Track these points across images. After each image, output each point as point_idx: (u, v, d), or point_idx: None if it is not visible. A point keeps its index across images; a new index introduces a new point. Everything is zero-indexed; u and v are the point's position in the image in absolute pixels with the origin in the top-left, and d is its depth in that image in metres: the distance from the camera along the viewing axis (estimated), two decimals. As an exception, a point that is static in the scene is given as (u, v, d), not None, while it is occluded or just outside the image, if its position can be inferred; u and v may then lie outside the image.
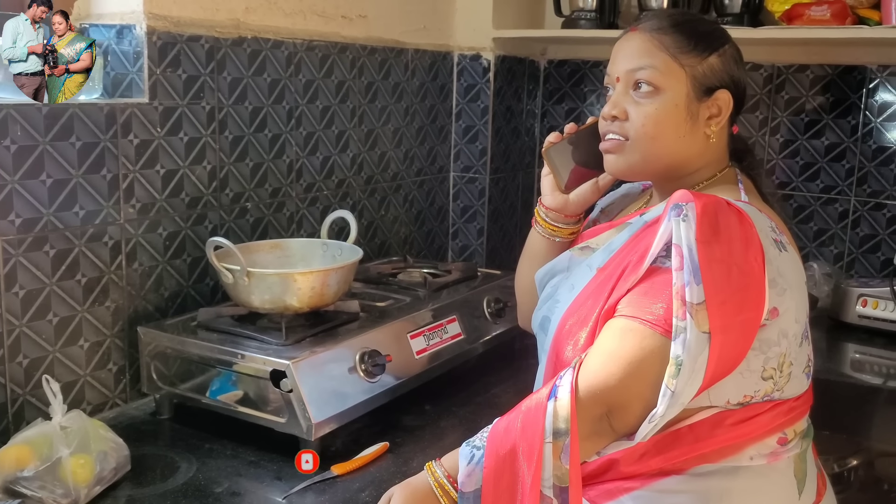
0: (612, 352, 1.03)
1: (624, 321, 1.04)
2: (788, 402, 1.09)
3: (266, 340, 1.35)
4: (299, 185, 1.80)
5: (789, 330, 1.05)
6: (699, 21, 1.18)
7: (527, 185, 2.52)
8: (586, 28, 2.17)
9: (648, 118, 1.11)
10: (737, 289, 1.00)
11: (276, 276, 1.36)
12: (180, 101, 1.51)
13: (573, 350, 1.10)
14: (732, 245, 1.02)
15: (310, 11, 1.78)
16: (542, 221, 1.29)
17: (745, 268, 1.01)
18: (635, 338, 1.02)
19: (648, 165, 1.15)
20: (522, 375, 1.67)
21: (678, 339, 0.98)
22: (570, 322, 1.12)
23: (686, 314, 0.97)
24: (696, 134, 1.13)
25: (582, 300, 1.12)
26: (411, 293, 1.67)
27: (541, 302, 1.26)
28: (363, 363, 1.36)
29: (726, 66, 1.14)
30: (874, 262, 2.15)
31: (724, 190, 1.13)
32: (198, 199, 1.57)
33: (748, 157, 1.23)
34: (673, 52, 1.11)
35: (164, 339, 1.41)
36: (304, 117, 1.79)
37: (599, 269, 1.13)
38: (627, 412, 1.03)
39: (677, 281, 0.99)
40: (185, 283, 1.57)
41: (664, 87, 1.11)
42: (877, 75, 2.07)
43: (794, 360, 1.08)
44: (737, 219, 1.03)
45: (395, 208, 2.12)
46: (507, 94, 2.34)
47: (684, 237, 1.00)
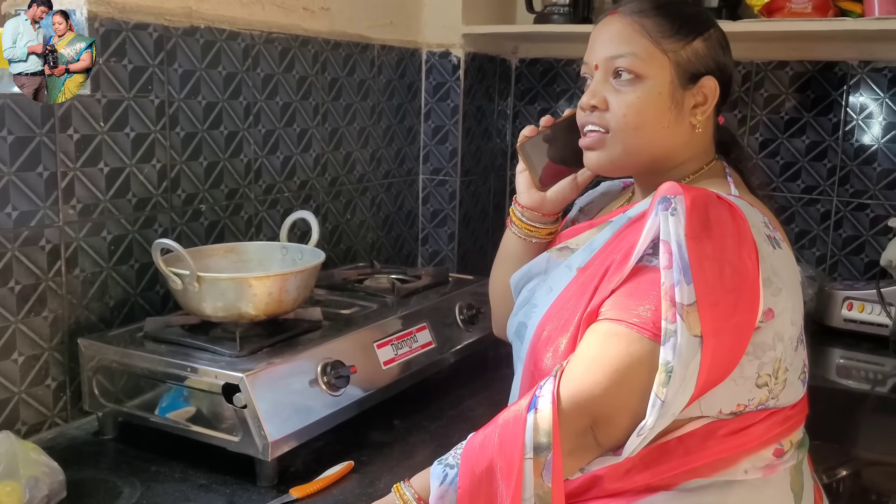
0: (596, 358, 0.94)
1: (608, 325, 0.95)
2: (784, 411, 1.01)
3: (219, 352, 1.23)
4: (258, 187, 1.69)
5: (785, 333, 0.98)
6: (683, 3, 1.10)
7: (499, 188, 2.43)
8: (559, 23, 2.08)
9: (630, 107, 1.04)
10: (730, 289, 0.93)
11: (229, 281, 1.25)
12: (126, 93, 1.39)
13: (553, 358, 1.01)
14: (725, 241, 0.94)
15: (268, 2, 1.67)
16: (517, 221, 1.21)
17: (738, 266, 0.93)
18: (621, 342, 0.93)
19: (631, 159, 1.07)
20: (497, 386, 1.58)
21: (668, 344, 0.90)
22: (549, 327, 1.03)
23: (676, 316, 0.90)
24: (682, 123, 1.06)
25: (561, 303, 1.04)
26: (378, 300, 1.57)
27: (516, 307, 1.17)
28: (325, 375, 1.25)
29: (712, 51, 1.07)
30: (858, 265, 2.08)
31: (712, 183, 1.05)
32: (146, 200, 1.45)
33: (735, 149, 1.16)
34: (655, 36, 1.04)
35: (108, 351, 1.29)
36: (263, 114, 1.68)
37: (580, 270, 1.04)
38: (614, 424, 0.94)
39: (666, 280, 0.91)
40: (132, 291, 1.45)
41: (646, 75, 1.03)
42: (857, 71, 2.01)
43: (789, 366, 1.00)
44: (729, 213, 0.96)
45: (361, 212, 2.02)
46: (477, 94, 2.25)
47: (673, 233, 0.92)
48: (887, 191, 2.02)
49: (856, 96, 2.03)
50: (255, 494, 1.15)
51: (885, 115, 2.00)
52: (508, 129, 2.43)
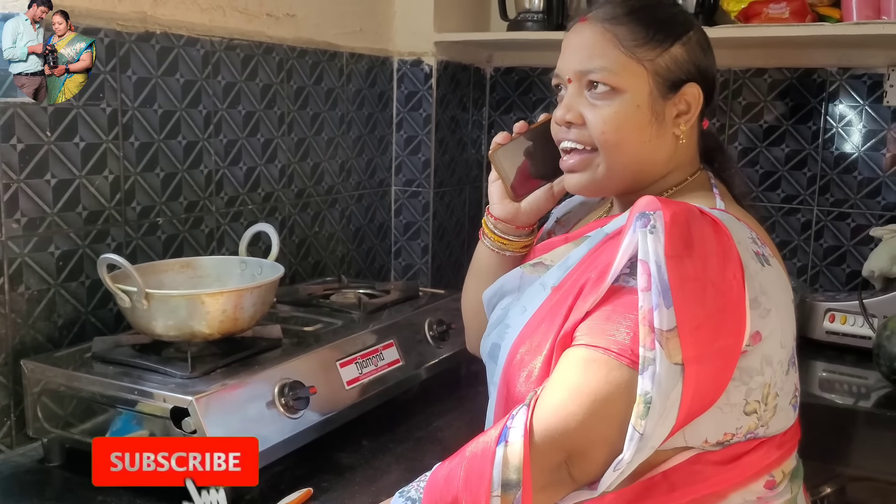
0: (572, 387, 0.87)
1: (585, 350, 0.89)
2: (775, 439, 0.95)
3: (169, 373, 1.16)
4: (220, 199, 1.62)
5: (774, 356, 0.91)
6: (658, 6, 1.02)
7: (474, 199, 2.37)
8: (533, 30, 2.03)
9: (608, 123, 0.97)
10: (713, 311, 0.86)
11: (179, 298, 1.19)
12: (75, 101, 1.32)
13: (526, 383, 0.95)
14: (707, 260, 0.87)
15: (229, 7, 1.61)
16: (489, 233, 1.14)
17: (722, 286, 0.87)
18: (599, 370, 0.87)
19: (615, 178, 1.00)
20: (469, 405, 1.52)
21: (646, 373, 0.83)
22: (523, 350, 0.97)
23: (655, 343, 0.83)
24: (664, 136, 0.99)
25: (535, 324, 0.97)
26: (344, 316, 1.50)
27: (490, 326, 1.10)
28: (283, 397, 1.18)
29: (692, 55, 1.00)
30: (839, 275, 2.04)
31: (696, 196, 0.99)
32: (98, 213, 1.38)
33: (720, 157, 1.09)
34: (628, 45, 0.97)
35: (53, 374, 1.22)
36: (225, 123, 1.62)
37: (554, 289, 0.98)
38: (590, 458, 0.87)
39: (644, 304, 0.85)
40: (82, 310, 1.37)
41: (622, 88, 0.97)
42: (836, 78, 1.97)
43: (779, 391, 0.93)
44: (712, 230, 0.89)
45: (330, 224, 1.95)
46: (451, 103, 2.19)
47: (652, 252, 0.85)
48: (868, 199, 1.98)
49: (835, 104, 1.99)
50: None
51: (865, 122, 1.97)
52: (484, 140, 2.38)
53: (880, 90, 1.93)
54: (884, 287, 1.83)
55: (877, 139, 1.96)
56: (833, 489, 1.67)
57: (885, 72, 1.91)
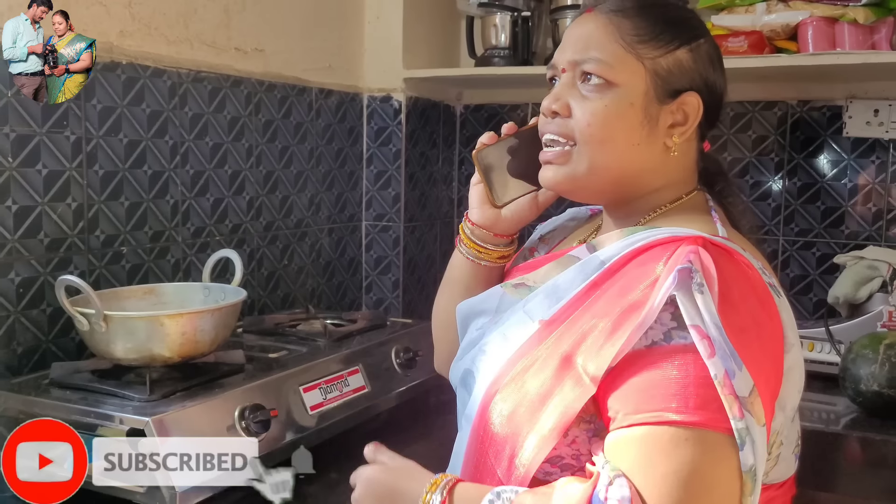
0: (678, 475, 0.75)
1: (664, 430, 0.76)
2: (771, 490, 0.90)
3: (128, 396, 1.15)
4: (186, 230, 1.62)
5: (788, 401, 0.86)
6: (670, 6, 0.96)
7: (445, 235, 2.38)
8: (500, 66, 2.07)
9: (595, 116, 0.90)
10: (770, 356, 0.81)
11: (138, 319, 1.18)
12: (38, 128, 1.33)
13: (505, 421, 0.87)
14: (748, 303, 0.81)
15: (197, 40, 1.63)
16: (466, 240, 1.08)
17: (768, 327, 0.82)
18: (696, 449, 0.75)
19: (594, 178, 0.93)
20: (437, 433, 1.51)
21: (746, 446, 0.76)
22: (504, 387, 0.89)
23: (742, 411, 0.76)
24: (654, 143, 0.92)
25: (518, 360, 0.90)
26: (310, 343, 1.49)
27: (462, 349, 1.03)
28: (244, 420, 1.17)
29: (698, 64, 0.93)
30: (806, 304, 2.05)
31: (694, 219, 0.92)
32: (60, 240, 1.38)
33: (721, 181, 1.01)
34: (629, 40, 0.91)
35: (10, 400, 1.19)
36: (192, 154, 1.62)
37: (543, 322, 0.90)
38: None
39: (717, 371, 0.76)
40: (43, 338, 1.36)
41: (617, 82, 0.91)
42: (797, 110, 2.02)
43: (784, 439, 0.89)
44: (737, 266, 0.84)
45: (300, 258, 1.95)
46: (421, 139, 2.21)
47: (707, 314, 0.78)
48: (832, 229, 2.01)
49: (796, 136, 2.03)
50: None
51: (826, 153, 2.00)
52: (455, 176, 2.40)
53: (839, 121, 1.97)
54: (849, 314, 1.85)
55: (838, 169, 2.00)
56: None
57: (843, 103, 1.96)
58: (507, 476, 0.86)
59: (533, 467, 0.84)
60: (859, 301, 1.81)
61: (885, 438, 1.51)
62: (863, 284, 1.79)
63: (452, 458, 1.00)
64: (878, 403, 1.56)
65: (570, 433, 0.84)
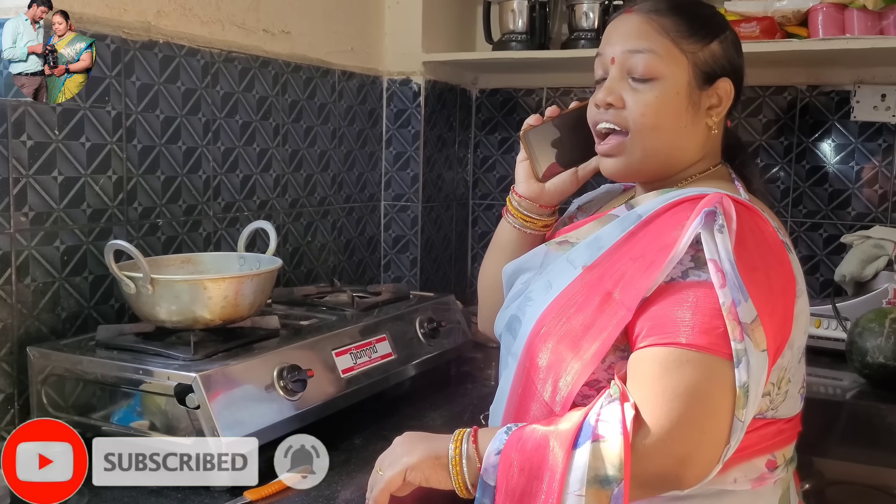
0: (676, 390, 0.87)
1: (672, 351, 0.89)
2: (779, 423, 1.00)
3: (172, 356, 1.21)
4: (217, 204, 1.68)
5: (796, 341, 0.97)
6: (699, 4, 1.10)
7: (461, 216, 2.44)
8: (517, 50, 2.12)
9: (648, 107, 1.03)
10: (779, 294, 0.92)
11: (183, 283, 1.24)
12: (82, 103, 1.39)
13: (549, 355, 0.98)
14: (762, 248, 0.93)
15: (228, 22, 1.68)
16: (513, 210, 1.20)
17: (780, 270, 0.93)
18: (695, 369, 0.88)
19: (648, 162, 1.06)
20: (459, 401, 1.57)
21: (741, 365, 0.87)
22: (548, 324, 1.00)
23: (743, 335, 0.87)
24: (698, 125, 1.05)
25: (564, 302, 1.00)
26: (338, 313, 1.55)
27: (508, 300, 1.14)
28: (282, 379, 1.23)
29: (727, 53, 1.07)
30: (814, 284, 2.11)
31: (721, 185, 1.04)
32: (101, 211, 1.44)
33: (741, 153, 1.15)
34: (674, 36, 1.03)
35: (58, 359, 1.26)
36: (223, 131, 1.68)
37: (586, 268, 1.01)
38: (699, 459, 0.88)
39: (725, 300, 0.88)
40: (85, 304, 1.42)
41: (664, 74, 1.02)
42: (806, 95, 2.07)
43: (792, 377, 0.99)
44: (756, 219, 0.95)
45: (322, 235, 2.01)
46: (438, 122, 2.27)
47: (723, 251, 0.89)
48: (839, 210, 2.07)
49: (805, 120, 2.08)
50: (207, 499, 1.12)
51: (834, 137, 2.06)
52: (470, 159, 2.46)
53: (847, 106, 2.02)
54: (855, 292, 1.90)
55: (845, 153, 2.05)
56: (812, 488, 1.71)
57: (851, 88, 2.01)
58: (552, 398, 0.97)
59: (575, 388, 0.95)
60: (865, 279, 1.86)
61: (890, 407, 1.57)
62: (869, 263, 1.85)
63: (497, 394, 1.11)
64: (883, 375, 1.62)
65: (607, 359, 0.95)
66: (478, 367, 1.77)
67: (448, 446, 0.96)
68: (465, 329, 1.70)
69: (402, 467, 0.97)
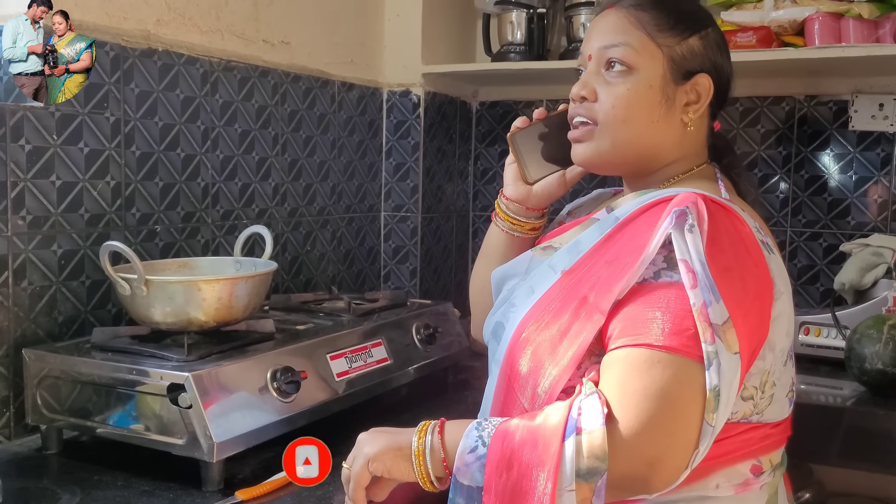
0: (645, 392, 0.86)
1: (643, 352, 0.88)
2: (765, 428, 0.98)
3: (167, 357, 1.21)
4: (216, 212, 1.69)
5: (777, 343, 0.95)
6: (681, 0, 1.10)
7: (461, 228, 2.44)
8: (515, 61, 2.14)
9: (619, 99, 1.03)
10: (753, 297, 0.91)
11: (178, 284, 1.24)
12: (80, 108, 1.40)
13: (529, 360, 0.97)
14: (737, 248, 0.92)
15: (228, 31, 1.70)
16: (501, 213, 1.20)
17: (754, 271, 0.92)
18: (666, 371, 0.86)
19: (618, 152, 1.05)
20: (456, 407, 1.57)
21: (712, 367, 0.85)
22: (528, 330, 0.99)
23: (714, 336, 0.86)
24: (672, 120, 1.04)
25: (543, 306, 1.00)
26: (334, 318, 1.55)
27: (495, 306, 1.14)
28: (275, 381, 1.23)
29: (707, 50, 1.05)
30: (814, 294, 2.11)
31: (702, 185, 1.03)
32: (99, 216, 1.45)
33: (729, 156, 1.14)
34: (650, 29, 1.03)
35: (53, 361, 1.26)
36: (222, 139, 1.70)
37: (565, 272, 1.00)
38: (668, 464, 0.86)
39: (696, 300, 0.87)
40: (82, 308, 1.43)
41: (638, 67, 1.03)
42: (804, 105, 2.08)
43: (777, 381, 0.97)
44: (729, 218, 0.94)
45: (321, 244, 2.02)
46: (438, 133, 2.28)
47: (693, 250, 0.89)
48: (838, 219, 2.07)
49: (804, 129, 2.09)
50: (199, 499, 1.12)
51: (833, 146, 2.06)
52: (470, 171, 2.47)
53: (845, 115, 2.03)
54: (855, 300, 1.90)
55: (844, 162, 2.06)
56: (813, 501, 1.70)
57: (849, 98, 2.02)
58: (531, 405, 0.95)
59: (553, 395, 0.93)
60: (865, 287, 1.86)
61: (888, 413, 1.56)
62: (868, 271, 1.84)
63: (483, 403, 1.10)
64: (882, 381, 1.61)
65: (583, 365, 0.94)
66: (475, 376, 1.76)
67: (412, 438, 0.95)
68: (462, 337, 1.70)
69: (364, 458, 0.95)
